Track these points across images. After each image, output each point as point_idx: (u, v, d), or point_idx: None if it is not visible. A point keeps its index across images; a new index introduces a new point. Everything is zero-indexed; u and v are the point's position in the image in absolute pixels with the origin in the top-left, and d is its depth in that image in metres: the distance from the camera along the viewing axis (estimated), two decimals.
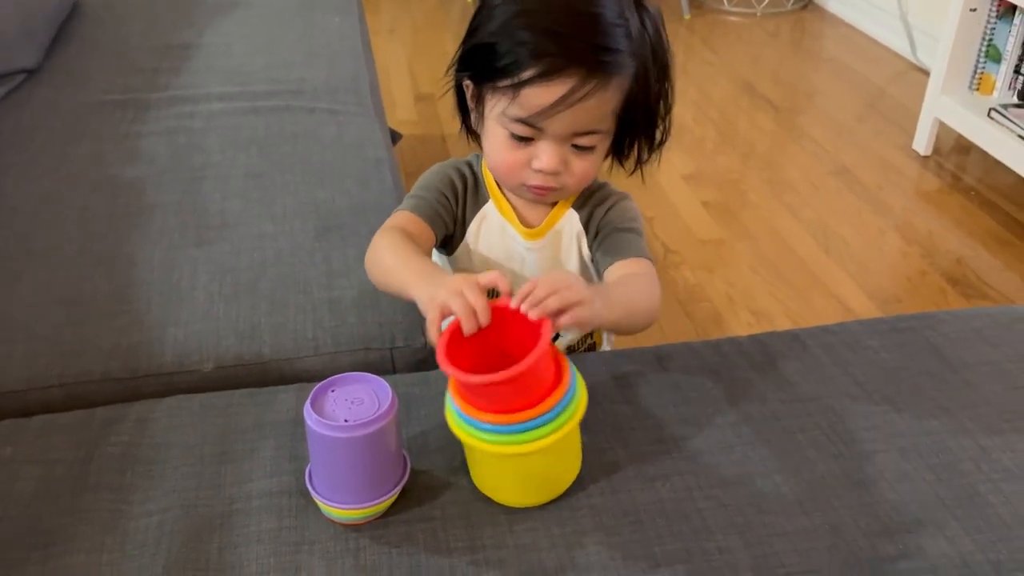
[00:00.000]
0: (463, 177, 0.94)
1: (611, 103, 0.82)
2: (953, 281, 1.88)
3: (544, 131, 0.82)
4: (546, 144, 0.83)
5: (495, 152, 0.86)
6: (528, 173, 0.85)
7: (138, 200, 1.21)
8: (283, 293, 1.04)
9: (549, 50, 0.78)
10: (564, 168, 0.84)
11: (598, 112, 0.81)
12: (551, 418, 0.69)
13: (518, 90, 0.80)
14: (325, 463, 0.72)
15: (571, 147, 0.84)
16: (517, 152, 0.84)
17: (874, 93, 2.74)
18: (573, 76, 0.78)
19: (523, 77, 0.79)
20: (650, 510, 0.75)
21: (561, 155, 0.84)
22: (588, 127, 0.82)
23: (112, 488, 0.78)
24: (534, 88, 0.79)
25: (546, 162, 0.83)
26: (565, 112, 0.79)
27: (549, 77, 0.78)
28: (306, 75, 1.58)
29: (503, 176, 0.88)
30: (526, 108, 0.80)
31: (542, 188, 0.86)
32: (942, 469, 0.79)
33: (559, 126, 0.81)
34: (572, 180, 0.86)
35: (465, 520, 0.74)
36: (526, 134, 0.83)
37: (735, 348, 0.95)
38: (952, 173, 2.30)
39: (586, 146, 0.84)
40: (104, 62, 1.64)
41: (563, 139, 0.83)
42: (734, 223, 2.09)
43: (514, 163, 0.85)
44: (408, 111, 2.63)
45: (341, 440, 0.69)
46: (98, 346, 0.97)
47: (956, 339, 0.96)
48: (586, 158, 0.85)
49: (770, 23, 3.29)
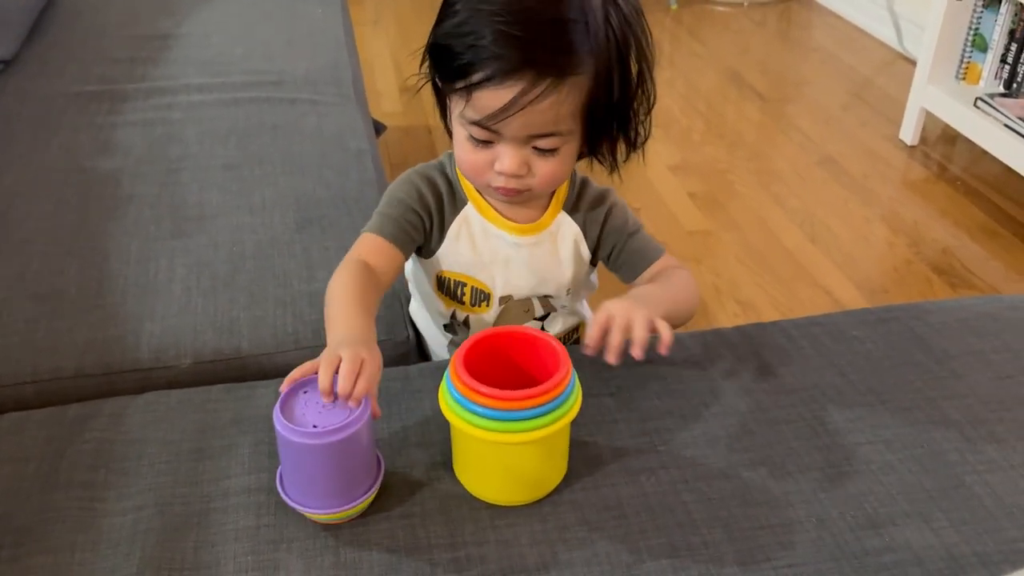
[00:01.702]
0: (433, 186, 0.90)
1: (568, 104, 0.78)
2: (939, 271, 1.88)
3: (501, 134, 0.79)
4: (505, 147, 0.80)
5: (460, 153, 0.84)
6: (492, 175, 0.83)
7: (114, 192, 1.19)
8: (262, 286, 1.03)
9: (499, 52, 0.75)
10: (527, 170, 0.82)
11: (553, 114, 0.77)
12: (546, 411, 0.69)
13: (470, 93, 0.77)
14: (295, 468, 0.71)
15: (533, 149, 0.81)
16: (479, 154, 0.82)
17: (861, 83, 2.74)
18: (523, 78, 0.74)
19: (474, 80, 0.76)
20: (634, 504, 0.74)
21: (522, 157, 0.81)
22: (545, 129, 0.79)
23: (84, 486, 0.76)
24: (485, 91, 0.76)
25: (507, 165, 0.81)
26: (518, 115, 0.76)
27: (499, 80, 0.75)
28: (286, 66, 1.56)
29: (470, 177, 0.86)
30: (479, 111, 0.78)
31: (507, 190, 0.84)
32: (927, 460, 0.79)
33: (514, 129, 0.78)
34: (537, 182, 0.83)
35: (445, 516, 0.73)
36: (484, 137, 0.80)
37: (720, 339, 0.94)
38: (938, 163, 2.30)
39: (547, 148, 0.81)
40: (80, 53, 1.61)
41: (522, 141, 0.80)
42: (721, 214, 2.09)
43: (477, 165, 0.83)
44: (393, 103, 2.60)
45: (309, 447, 0.67)
46: (72, 342, 0.95)
47: (942, 329, 0.95)
48: (550, 160, 0.82)
49: (757, 13, 3.28)
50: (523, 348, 0.75)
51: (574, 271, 0.94)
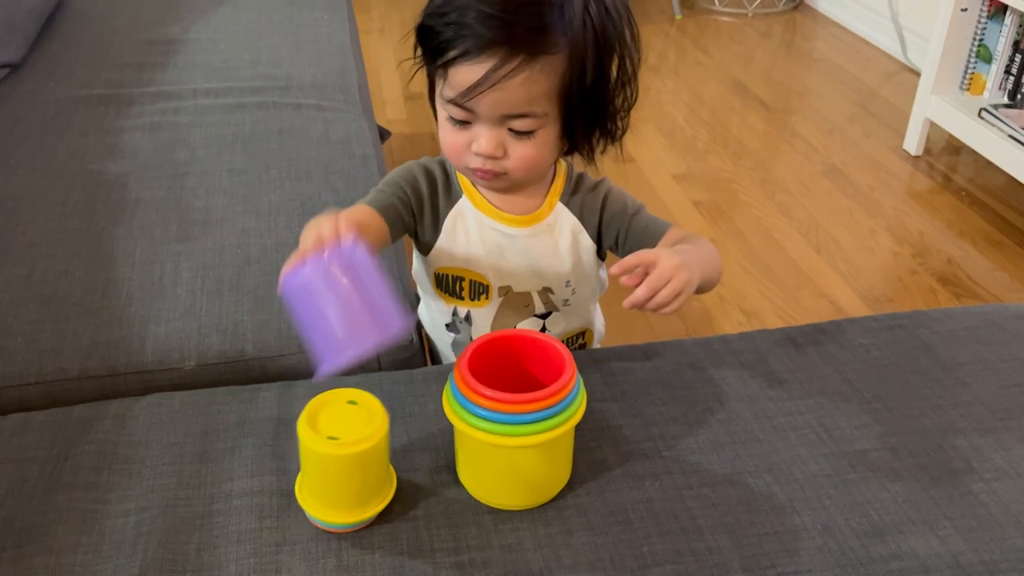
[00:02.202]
0: (430, 175, 0.92)
1: (540, 84, 0.79)
2: (944, 281, 1.88)
3: (476, 113, 0.80)
4: (481, 127, 0.82)
5: (442, 135, 0.85)
6: (469, 156, 0.84)
7: (120, 195, 1.19)
8: (267, 290, 1.02)
9: (474, 29, 0.76)
10: (503, 152, 0.82)
11: (526, 93, 0.78)
12: (550, 414, 0.69)
13: (447, 69, 0.79)
14: (315, 315, 0.67)
15: (508, 131, 0.82)
16: (458, 135, 0.83)
17: (865, 93, 2.74)
18: (496, 54, 0.76)
19: (449, 56, 0.78)
20: (639, 509, 0.74)
21: (497, 139, 0.82)
22: (518, 109, 0.80)
23: (88, 487, 0.76)
24: (459, 67, 0.78)
25: (484, 146, 0.82)
26: (490, 92, 0.77)
27: (472, 56, 0.77)
28: (293, 71, 1.57)
29: (451, 159, 0.87)
30: (454, 88, 0.79)
31: (484, 172, 0.84)
32: (934, 468, 0.78)
33: (487, 107, 0.79)
34: (512, 165, 0.83)
35: (449, 520, 0.73)
36: (460, 116, 0.81)
37: (725, 346, 0.94)
38: (943, 173, 2.29)
39: (522, 130, 0.81)
40: (89, 57, 1.61)
41: (497, 121, 0.81)
42: (725, 223, 2.09)
43: (456, 146, 0.84)
44: (398, 110, 2.61)
45: (315, 280, 0.66)
46: (76, 343, 0.95)
47: (948, 338, 0.95)
48: (525, 143, 0.82)
49: (761, 23, 3.29)
50: (528, 351, 0.75)
51: (572, 262, 0.94)
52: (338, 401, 0.71)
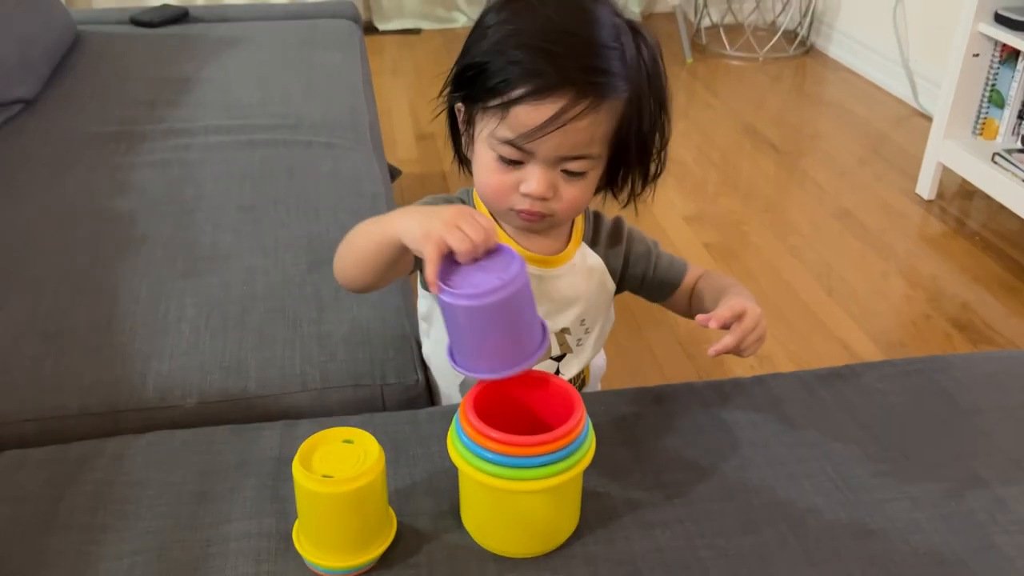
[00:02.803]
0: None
1: (603, 127, 0.79)
2: (959, 326, 1.85)
3: (533, 154, 0.79)
4: (535, 168, 0.80)
5: (483, 175, 0.83)
6: (516, 198, 0.82)
7: (127, 231, 1.19)
8: (271, 327, 1.01)
9: (541, 69, 0.76)
10: (553, 194, 0.81)
11: (588, 135, 0.78)
12: (558, 458, 0.66)
13: (507, 109, 0.77)
14: (479, 333, 0.68)
15: (561, 172, 0.81)
16: (505, 176, 0.81)
17: (876, 137, 2.74)
18: (564, 96, 0.75)
19: (513, 96, 0.77)
20: (648, 559, 0.71)
21: (550, 180, 0.81)
22: (578, 151, 0.79)
23: (82, 528, 0.74)
24: (524, 107, 0.77)
25: (534, 186, 0.80)
26: (554, 133, 0.77)
27: (540, 96, 0.76)
28: (304, 110, 1.57)
29: (491, 200, 0.85)
30: (515, 128, 0.78)
31: (530, 213, 0.83)
32: (956, 519, 0.75)
33: (548, 148, 0.79)
34: (561, 207, 0.83)
35: (452, 567, 0.71)
36: (515, 157, 0.80)
37: (738, 389, 0.92)
38: (956, 218, 2.28)
39: (576, 171, 0.81)
40: (101, 94, 1.63)
41: (552, 163, 0.80)
42: (736, 265, 2.07)
43: (501, 187, 0.82)
44: (409, 150, 2.62)
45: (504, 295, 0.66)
46: (77, 380, 0.94)
47: (967, 384, 0.92)
48: (576, 184, 0.82)
49: (772, 68, 3.31)
50: (536, 393, 0.73)
51: (593, 302, 0.93)
52: (333, 440, 0.69)
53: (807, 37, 3.41)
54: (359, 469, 0.67)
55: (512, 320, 0.68)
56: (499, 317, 0.67)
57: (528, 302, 0.69)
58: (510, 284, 0.66)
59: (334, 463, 0.67)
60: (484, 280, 0.66)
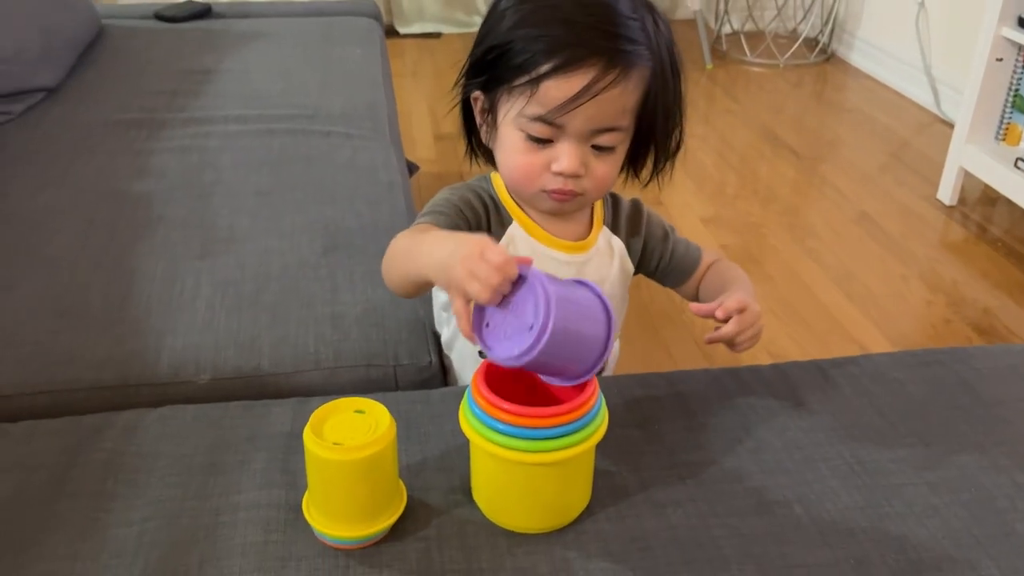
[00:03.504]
0: (482, 200, 0.89)
1: (632, 97, 0.79)
2: (980, 331, 1.83)
3: (564, 129, 0.79)
4: (565, 144, 0.80)
5: (511, 158, 0.83)
6: (547, 178, 0.81)
7: (145, 213, 1.19)
8: (285, 307, 1.01)
9: (568, 41, 0.76)
10: (584, 170, 0.81)
11: (620, 105, 0.78)
12: (570, 431, 0.66)
13: (536, 85, 0.77)
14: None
15: (591, 148, 0.81)
16: (534, 156, 0.81)
17: (897, 144, 2.71)
18: (593, 66, 0.75)
19: (541, 71, 0.76)
20: (661, 537, 0.70)
21: (581, 156, 0.80)
22: (608, 123, 0.79)
23: (92, 495, 0.74)
24: (553, 81, 0.76)
25: (566, 163, 0.79)
26: (586, 105, 0.76)
27: (569, 68, 0.76)
28: (323, 102, 1.58)
29: (520, 183, 0.84)
30: (545, 103, 0.77)
31: (562, 192, 0.82)
32: (975, 505, 0.74)
33: (579, 122, 0.78)
34: (592, 184, 0.82)
35: (461, 541, 0.70)
36: (545, 135, 0.79)
37: (754, 376, 0.90)
38: (978, 224, 2.25)
39: (606, 146, 0.81)
40: (123, 84, 1.64)
41: (583, 138, 0.80)
42: (754, 266, 2.05)
43: (531, 168, 0.81)
44: (428, 150, 2.63)
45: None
46: (91, 354, 0.94)
47: (989, 375, 0.91)
48: (606, 160, 0.82)
49: (792, 74, 3.29)
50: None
51: (617, 286, 0.92)
52: (345, 410, 0.69)
53: (828, 44, 3.39)
54: (370, 438, 0.66)
55: (558, 352, 0.63)
56: (545, 359, 0.63)
57: (574, 318, 0.64)
58: (543, 333, 0.61)
59: (345, 432, 0.67)
60: (516, 334, 0.63)
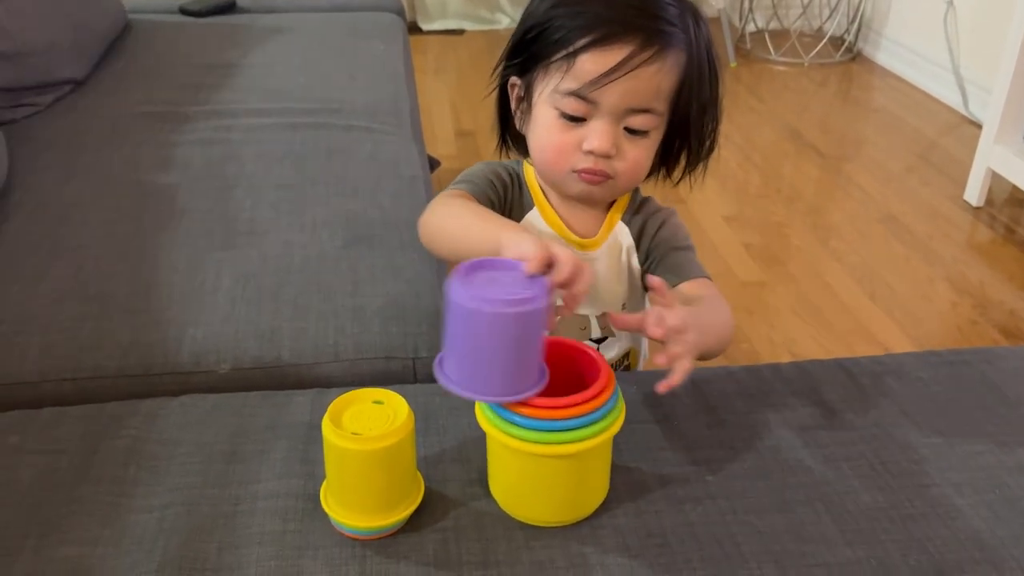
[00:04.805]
0: (510, 176, 0.90)
1: (668, 79, 0.79)
2: (1007, 333, 1.80)
3: (598, 105, 0.78)
4: (598, 123, 0.79)
5: (544, 136, 0.82)
6: (578, 157, 0.81)
7: (169, 205, 1.20)
8: (306, 299, 1.02)
9: (607, 17, 0.76)
10: (616, 152, 0.80)
11: (655, 86, 0.78)
12: (587, 423, 0.65)
13: (573, 60, 0.77)
14: (471, 345, 0.65)
15: (624, 131, 0.80)
16: (567, 134, 0.81)
17: (924, 144, 2.68)
18: (631, 42, 0.76)
19: (579, 45, 0.77)
20: (679, 533, 0.70)
21: (614, 136, 0.80)
22: (643, 103, 0.79)
23: (114, 481, 0.75)
24: (590, 55, 0.77)
25: (597, 142, 0.79)
26: (621, 81, 0.76)
27: (606, 43, 0.76)
28: (346, 96, 1.58)
29: (550, 164, 0.84)
30: (580, 78, 0.77)
31: (592, 172, 0.81)
32: (1000, 506, 0.73)
33: (614, 98, 0.78)
34: (624, 167, 0.81)
35: (479, 533, 0.70)
36: (579, 112, 0.79)
37: (776, 374, 0.90)
38: (1006, 225, 2.22)
39: (639, 129, 0.80)
40: (149, 77, 1.66)
41: (617, 116, 0.79)
42: (776, 266, 2.04)
43: (563, 146, 0.81)
44: (449, 146, 2.63)
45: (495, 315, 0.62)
46: (115, 342, 0.95)
47: (1014, 375, 0.90)
48: (639, 144, 0.81)
49: (817, 73, 3.26)
50: (565, 360, 0.72)
51: (628, 285, 0.91)
52: (364, 400, 0.69)
53: (854, 43, 3.36)
54: (388, 428, 0.66)
55: (527, 340, 0.64)
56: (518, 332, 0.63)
57: (542, 328, 0.65)
58: (536, 299, 0.62)
59: (364, 422, 0.67)
60: (509, 292, 0.62)
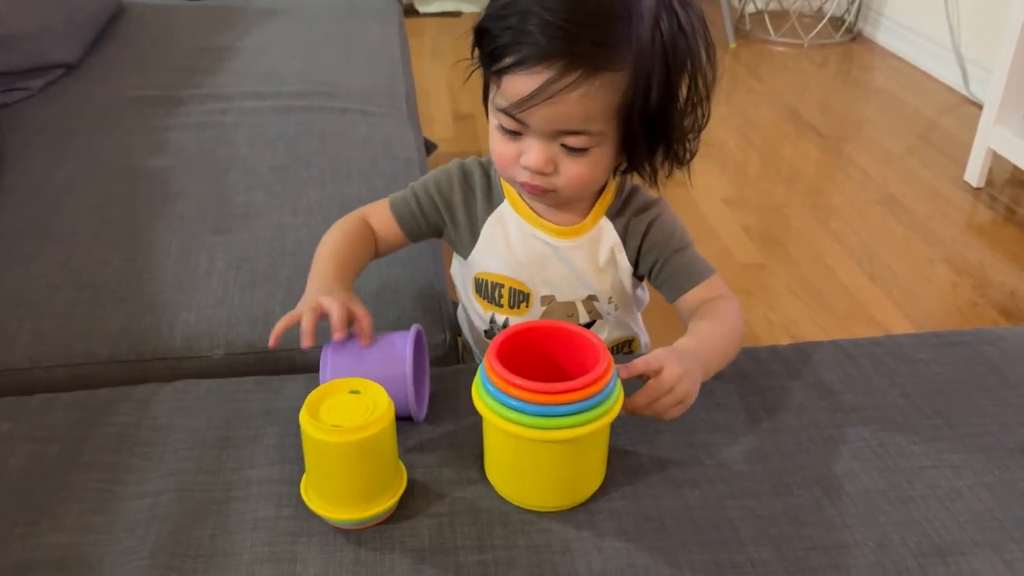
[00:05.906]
0: (467, 180, 0.88)
1: (599, 102, 0.73)
2: (1007, 314, 1.79)
3: (528, 125, 0.76)
4: (532, 140, 0.77)
5: (492, 143, 0.81)
6: (518, 169, 0.79)
7: (161, 189, 1.19)
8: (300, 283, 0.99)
9: (532, 37, 0.71)
10: (553, 169, 0.77)
11: (582, 109, 0.73)
12: (585, 408, 0.65)
13: (500, 77, 0.74)
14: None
15: (561, 147, 0.77)
16: (507, 145, 0.78)
17: (925, 125, 2.67)
18: (553, 66, 0.71)
19: (505, 63, 0.73)
20: (676, 516, 0.69)
21: (548, 154, 0.76)
22: (572, 125, 0.74)
23: (106, 468, 0.74)
24: (514, 76, 0.73)
25: (532, 160, 0.77)
26: (543, 105, 0.72)
27: (527, 65, 0.71)
28: (341, 79, 1.57)
29: (499, 170, 0.83)
30: (507, 97, 0.74)
31: (532, 187, 0.79)
32: (1000, 488, 0.72)
33: (539, 121, 0.74)
34: (563, 183, 0.78)
35: (474, 518, 0.69)
36: (512, 127, 0.77)
37: (773, 356, 0.89)
38: (1006, 205, 2.21)
39: (576, 147, 0.76)
40: (142, 61, 1.64)
41: (549, 136, 0.76)
42: (776, 248, 2.03)
43: (504, 156, 0.79)
44: (446, 129, 2.61)
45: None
46: (107, 328, 0.94)
47: (1015, 356, 0.89)
48: (579, 161, 0.77)
49: (817, 54, 3.24)
50: (562, 344, 0.71)
51: (611, 280, 0.89)
52: (341, 391, 0.68)
53: (854, 23, 3.33)
54: (368, 418, 0.65)
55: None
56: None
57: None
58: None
59: (342, 413, 0.66)
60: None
